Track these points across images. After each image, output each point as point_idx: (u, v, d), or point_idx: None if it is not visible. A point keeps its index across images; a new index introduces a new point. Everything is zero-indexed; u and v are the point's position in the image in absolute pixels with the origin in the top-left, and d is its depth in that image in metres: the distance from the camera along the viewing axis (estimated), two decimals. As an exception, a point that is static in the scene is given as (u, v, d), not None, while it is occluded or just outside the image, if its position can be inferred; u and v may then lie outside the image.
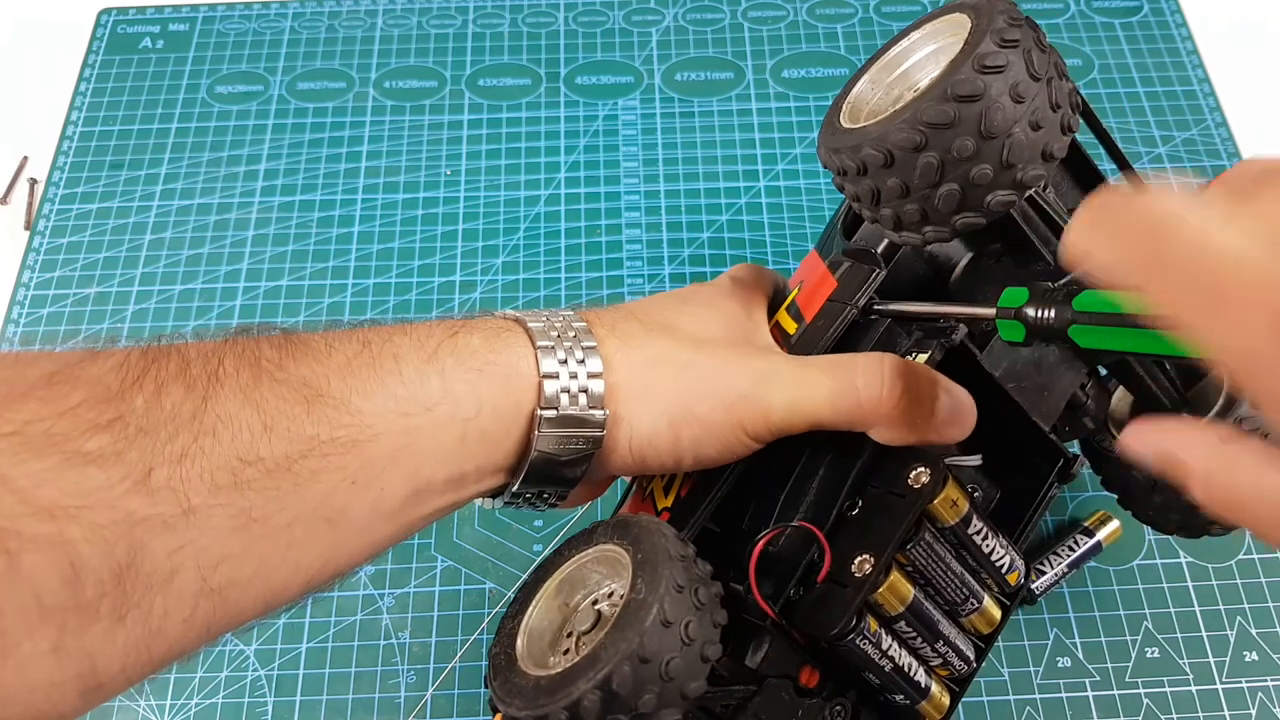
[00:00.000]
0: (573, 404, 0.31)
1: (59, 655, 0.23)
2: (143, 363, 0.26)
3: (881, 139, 0.30)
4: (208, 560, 0.25)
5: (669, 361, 0.33)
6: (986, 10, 0.30)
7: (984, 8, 0.30)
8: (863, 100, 0.34)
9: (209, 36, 0.69)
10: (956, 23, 0.32)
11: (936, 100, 0.29)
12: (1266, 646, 0.46)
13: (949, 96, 0.29)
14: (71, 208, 0.61)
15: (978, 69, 0.29)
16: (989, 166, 0.29)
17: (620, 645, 0.27)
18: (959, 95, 0.29)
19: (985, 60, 0.29)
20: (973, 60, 0.29)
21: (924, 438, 0.31)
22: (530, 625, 0.31)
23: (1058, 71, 0.30)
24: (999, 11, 0.30)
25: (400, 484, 0.29)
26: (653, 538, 0.29)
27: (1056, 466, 0.36)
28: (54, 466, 0.23)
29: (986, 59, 0.29)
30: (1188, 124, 0.64)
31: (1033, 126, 0.29)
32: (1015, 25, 0.29)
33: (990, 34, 0.29)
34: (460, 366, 0.30)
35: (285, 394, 0.27)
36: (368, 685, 0.46)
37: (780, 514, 0.34)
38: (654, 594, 0.27)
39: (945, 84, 0.29)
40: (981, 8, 0.30)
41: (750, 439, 0.32)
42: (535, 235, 0.60)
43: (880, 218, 0.32)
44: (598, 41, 0.68)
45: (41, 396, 0.24)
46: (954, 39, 0.32)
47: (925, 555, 0.31)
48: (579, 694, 0.26)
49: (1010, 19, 0.30)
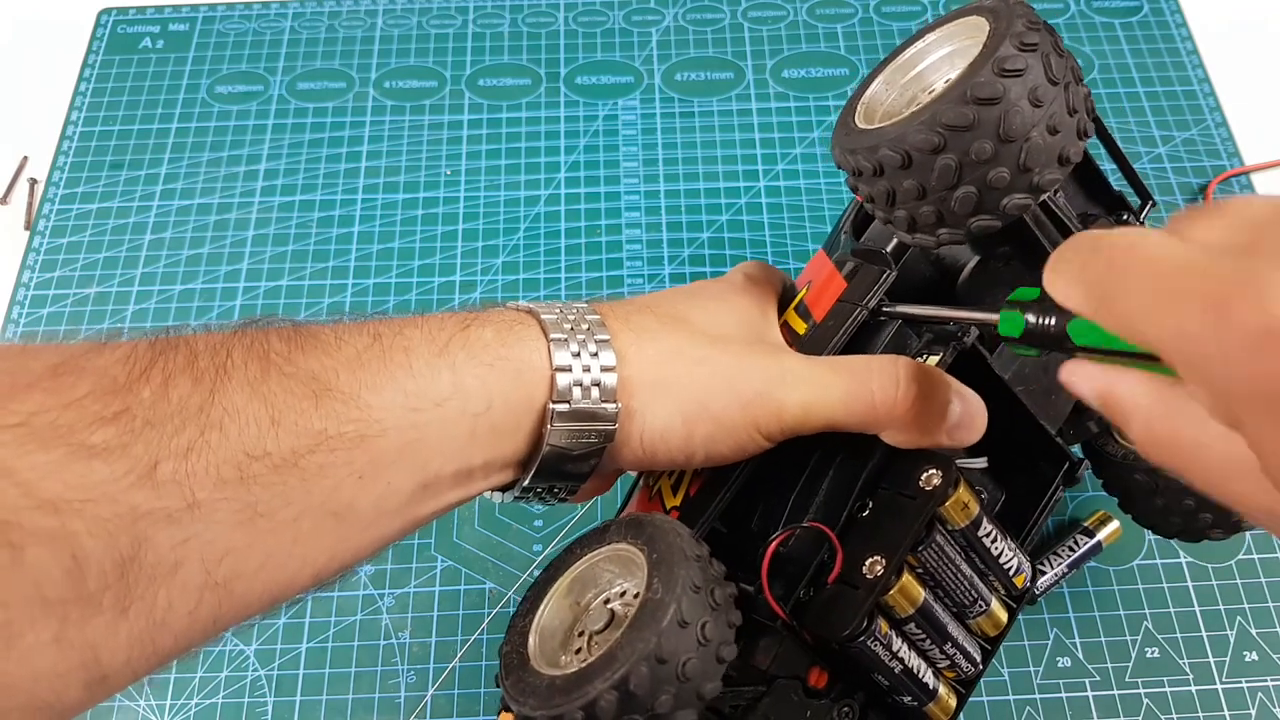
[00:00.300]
0: (585, 397, 0.31)
1: (62, 646, 0.23)
2: (150, 354, 0.26)
3: (899, 140, 0.30)
4: (212, 554, 0.25)
5: (683, 356, 0.33)
6: (1005, 14, 0.30)
7: (1002, 11, 0.30)
8: (877, 101, 0.34)
9: (209, 36, 0.69)
10: (973, 25, 0.31)
11: (956, 102, 0.29)
12: (1266, 646, 0.46)
13: (968, 99, 0.29)
14: (71, 208, 0.61)
15: (997, 72, 0.29)
16: (1006, 170, 0.29)
17: (637, 645, 0.26)
18: (978, 98, 0.28)
19: (1005, 63, 0.29)
20: (992, 63, 0.29)
21: (935, 441, 0.31)
22: (542, 624, 0.30)
23: (1074, 76, 0.30)
24: (1018, 15, 0.30)
25: (408, 479, 0.29)
26: (668, 537, 0.29)
27: (1062, 469, 0.36)
28: (59, 459, 0.23)
29: (1006, 62, 0.29)
30: (1188, 124, 0.64)
31: (1050, 131, 0.29)
32: (1034, 29, 0.29)
33: (1010, 37, 0.29)
34: (472, 360, 0.30)
35: (293, 387, 0.27)
36: (368, 685, 0.46)
37: (790, 515, 0.34)
38: (671, 594, 0.27)
39: (965, 86, 0.29)
40: (1000, 11, 0.30)
41: (763, 438, 0.32)
42: (535, 235, 0.60)
43: (894, 219, 0.32)
44: (598, 41, 0.68)
45: (47, 388, 0.24)
46: (970, 41, 0.31)
47: (936, 557, 0.31)
48: (595, 694, 0.26)
49: (1029, 23, 0.29)
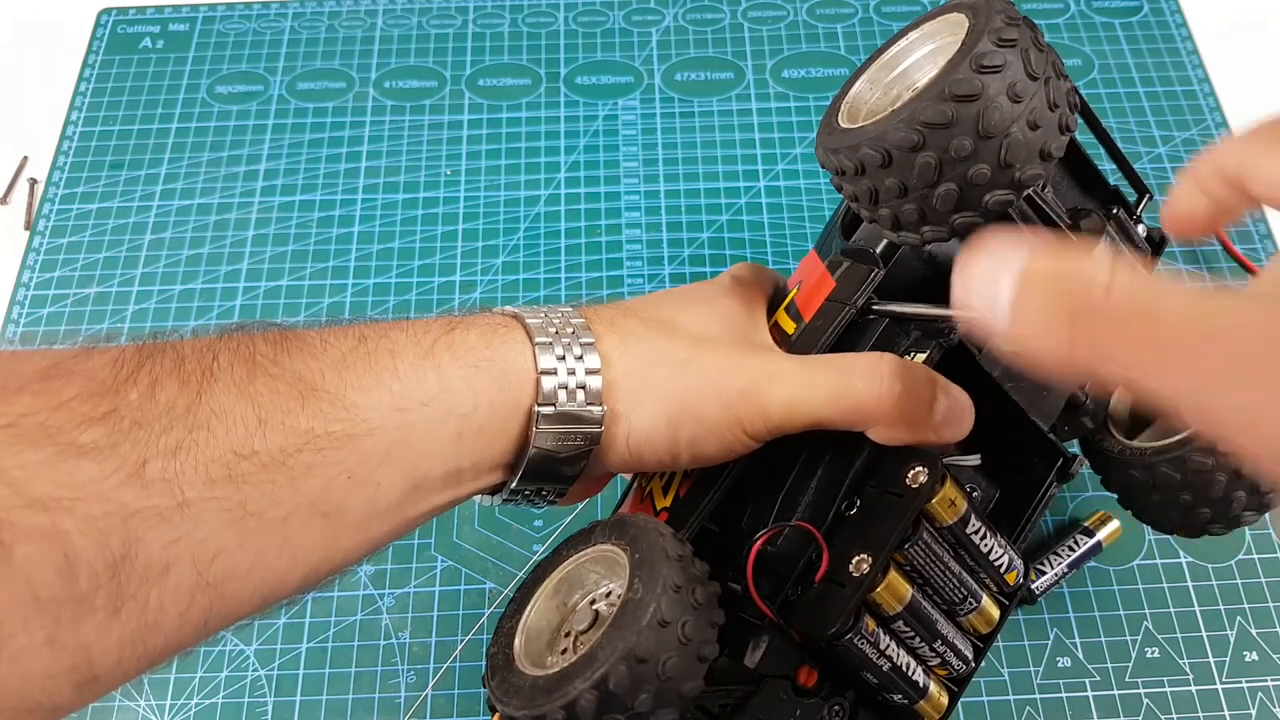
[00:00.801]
0: (570, 400, 0.31)
1: (54, 647, 0.23)
2: (138, 358, 0.26)
3: (879, 139, 0.30)
4: (203, 554, 0.25)
5: (668, 358, 0.33)
6: (984, 10, 0.30)
7: (981, 8, 0.30)
8: (861, 100, 0.34)
9: (209, 36, 0.69)
10: (954, 22, 0.32)
11: (934, 100, 0.29)
12: (1266, 646, 0.46)
13: (946, 96, 0.29)
14: (71, 208, 0.61)
15: (975, 68, 0.29)
16: (987, 166, 0.29)
17: (617, 645, 0.27)
18: (956, 95, 0.29)
19: (983, 60, 0.29)
20: (970, 59, 0.29)
21: (921, 438, 0.31)
22: (528, 625, 0.31)
23: (1055, 71, 0.30)
24: (996, 11, 0.30)
25: (397, 479, 0.29)
26: (650, 537, 0.29)
27: (1056, 466, 0.36)
28: (48, 458, 0.23)
29: (984, 58, 0.29)
30: (1188, 124, 0.64)
31: (1030, 126, 0.29)
32: (1013, 25, 0.29)
33: (988, 33, 0.29)
34: (457, 362, 0.30)
35: (280, 388, 0.27)
36: (368, 685, 0.46)
37: (778, 514, 0.34)
38: (651, 594, 0.27)
39: (943, 83, 0.29)
40: (979, 7, 0.30)
41: (749, 437, 0.32)
42: (535, 235, 0.60)
43: (878, 217, 0.32)
44: (598, 41, 0.68)
45: (36, 390, 0.24)
46: (952, 39, 0.32)
47: (923, 555, 0.31)
48: (575, 694, 0.26)
49: (1008, 18, 0.30)
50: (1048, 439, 0.35)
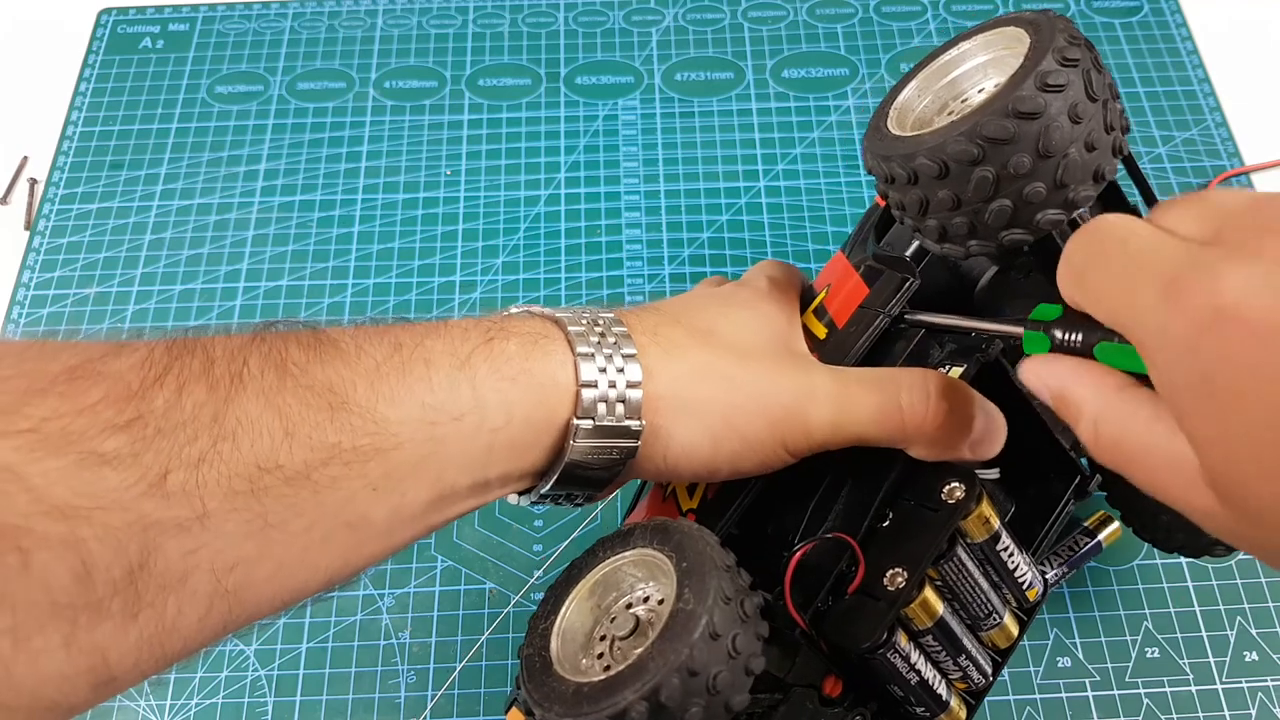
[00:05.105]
0: (610, 414, 0.30)
1: (70, 650, 0.23)
2: (166, 359, 0.26)
3: (938, 149, 0.29)
4: (222, 563, 0.25)
5: (712, 374, 0.32)
6: (1047, 27, 0.30)
7: (1044, 24, 0.30)
8: (909, 107, 0.34)
9: (209, 36, 0.69)
10: (1012, 36, 0.31)
11: (997, 115, 0.28)
12: (1266, 646, 0.46)
13: (1009, 112, 0.28)
14: (71, 208, 0.61)
15: (1040, 86, 0.28)
16: (1043, 185, 0.29)
17: (669, 656, 0.26)
18: (1020, 112, 0.28)
19: (1048, 78, 0.28)
20: (1034, 77, 0.28)
21: (956, 455, 0.31)
22: (564, 627, 0.30)
23: (1111, 93, 0.30)
24: (1059, 30, 0.29)
25: (423, 491, 0.29)
26: (696, 545, 0.29)
27: (1074, 483, 0.36)
28: (69, 466, 0.23)
29: (1049, 77, 0.28)
30: (1188, 124, 0.64)
31: (1088, 147, 0.29)
32: (1075, 44, 0.29)
33: (1053, 51, 0.29)
34: (494, 374, 0.30)
35: (309, 399, 0.27)
36: (368, 685, 0.46)
37: (809, 522, 0.34)
38: (702, 605, 0.27)
39: (1007, 99, 0.28)
40: (1041, 24, 0.30)
41: (789, 454, 0.32)
42: (535, 235, 0.60)
43: (924, 228, 0.31)
44: (598, 41, 0.68)
45: (61, 392, 0.24)
46: (1007, 52, 0.31)
47: (956, 571, 0.31)
48: (626, 704, 0.26)
49: (1070, 37, 0.29)
50: (1068, 456, 0.35)
